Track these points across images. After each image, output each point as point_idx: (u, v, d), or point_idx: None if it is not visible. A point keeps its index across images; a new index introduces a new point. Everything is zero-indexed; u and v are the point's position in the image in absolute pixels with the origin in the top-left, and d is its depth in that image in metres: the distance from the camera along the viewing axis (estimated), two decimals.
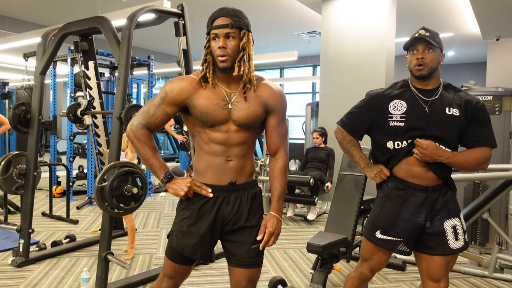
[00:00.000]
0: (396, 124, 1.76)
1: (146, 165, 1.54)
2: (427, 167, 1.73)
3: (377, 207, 1.87)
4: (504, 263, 3.21)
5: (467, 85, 3.82)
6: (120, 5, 6.50)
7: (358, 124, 1.90)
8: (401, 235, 1.78)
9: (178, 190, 1.51)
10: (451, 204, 1.78)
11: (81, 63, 3.66)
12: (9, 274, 3.04)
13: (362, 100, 1.93)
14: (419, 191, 1.75)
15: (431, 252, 1.76)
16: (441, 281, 1.75)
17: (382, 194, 1.86)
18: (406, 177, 1.77)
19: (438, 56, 1.75)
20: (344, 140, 1.95)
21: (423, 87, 1.79)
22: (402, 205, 1.77)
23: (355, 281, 1.97)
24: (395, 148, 1.77)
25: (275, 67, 12.80)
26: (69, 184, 4.87)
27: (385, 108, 1.80)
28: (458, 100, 1.76)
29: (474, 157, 1.74)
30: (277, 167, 1.62)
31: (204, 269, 3.19)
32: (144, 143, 1.53)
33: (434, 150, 1.68)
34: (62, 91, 12.81)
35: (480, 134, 1.75)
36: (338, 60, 5.77)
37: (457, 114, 1.73)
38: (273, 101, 1.57)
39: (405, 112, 1.76)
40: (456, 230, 1.75)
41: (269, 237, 1.55)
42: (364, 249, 1.91)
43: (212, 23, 1.48)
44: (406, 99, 1.79)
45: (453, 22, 7.63)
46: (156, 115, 1.53)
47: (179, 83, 1.53)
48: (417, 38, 1.74)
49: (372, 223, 1.85)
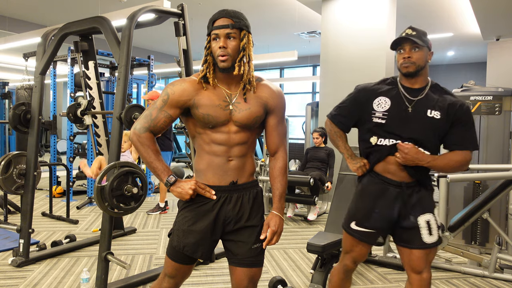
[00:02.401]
0: (378, 121, 1.82)
1: (149, 168, 1.54)
2: (402, 166, 1.79)
3: (354, 200, 1.95)
4: (504, 263, 3.21)
5: (467, 85, 3.82)
6: (120, 5, 6.50)
7: (345, 117, 1.96)
8: (375, 227, 1.85)
9: (183, 194, 1.52)
10: (426, 201, 1.84)
11: (81, 63, 3.66)
12: (9, 274, 3.04)
13: (350, 94, 1.98)
14: (394, 186, 1.82)
15: (409, 246, 1.82)
16: (423, 272, 1.81)
17: (360, 187, 1.94)
18: (382, 172, 1.84)
19: (425, 55, 1.78)
20: (331, 131, 2.03)
21: (410, 85, 1.83)
22: (377, 199, 1.84)
23: (340, 275, 2.02)
24: (377, 144, 1.83)
25: (275, 67, 12.80)
26: (69, 184, 4.87)
27: (370, 103, 1.86)
28: (442, 103, 1.79)
29: (455, 160, 1.78)
30: (277, 167, 1.63)
31: (204, 269, 3.19)
32: (147, 147, 1.53)
33: (415, 154, 1.73)
34: (62, 91, 12.80)
35: (463, 137, 1.79)
36: (338, 60, 5.77)
37: (438, 117, 1.77)
38: (273, 101, 1.58)
39: (387, 110, 1.81)
40: (430, 225, 1.81)
41: (272, 235, 1.56)
42: (344, 242, 1.97)
43: (213, 24, 1.49)
44: (391, 97, 1.84)
45: (453, 22, 7.63)
46: (158, 118, 1.54)
47: (181, 85, 1.53)
48: (403, 37, 1.78)
49: (349, 215, 1.94)
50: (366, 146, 1.88)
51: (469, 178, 3.25)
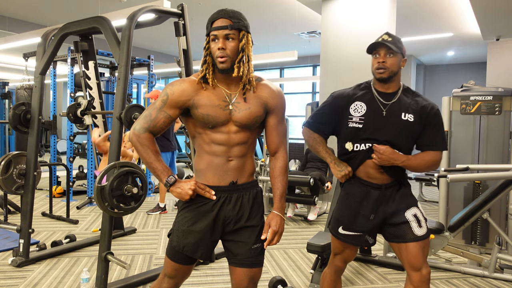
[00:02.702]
0: (355, 125, 1.87)
1: (149, 169, 1.54)
2: (381, 169, 1.86)
3: (339, 204, 2.00)
4: (504, 263, 3.21)
5: (467, 85, 3.82)
6: (120, 5, 6.50)
7: (323, 124, 1.99)
8: (361, 230, 1.91)
9: (183, 194, 1.52)
10: (407, 197, 1.91)
11: (81, 63, 3.66)
12: (9, 274, 3.04)
13: (326, 101, 2.00)
14: (374, 189, 1.88)
15: (402, 240, 1.86)
16: (422, 268, 1.84)
17: (343, 192, 1.98)
18: (363, 177, 1.91)
19: (399, 61, 1.85)
20: (310, 138, 2.04)
21: (384, 90, 1.89)
22: (360, 202, 1.90)
23: (332, 276, 2.07)
24: (354, 150, 1.89)
25: (275, 67, 12.79)
26: (69, 184, 4.87)
27: (346, 109, 1.90)
28: (414, 106, 1.87)
29: (427, 160, 1.88)
30: (277, 167, 1.63)
31: (204, 269, 3.19)
32: (147, 147, 1.52)
33: (391, 155, 1.80)
34: (62, 91, 12.80)
35: (434, 138, 1.88)
36: (338, 60, 5.77)
37: (412, 120, 1.85)
38: (273, 101, 1.58)
39: (364, 114, 1.87)
40: (418, 217, 1.87)
41: (273, 235, 1.56)
42: (334, 245, 2.03)
43: (212, 24, 1.48)
44: (366, 101, 1.89)
45: (453, 22, 7.63)
46: (158, 118, 1.53)
47: (180, 85, 1.53)
48: (379, 43, 1.83)
49: (336, 220, 1.98)
50: (343, 152, 1.94)
51: (469, 178, 3.24)
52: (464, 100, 3.71)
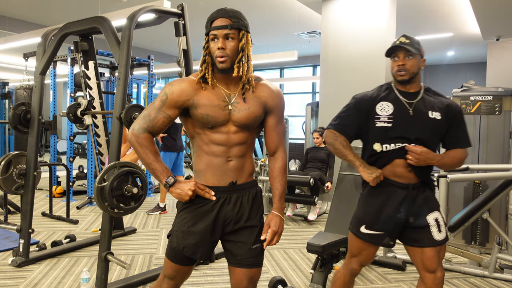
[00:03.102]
0: (383, 124, 1.86)
1: (148, 170, 1.53)
2: (409, 168, 1.84)
3: (362, 203, 1.97)
4: (504, 263, 3.21)
5: (467, 85, 3.82)
6: (120, 5, 6.50)
7: (348, 125, 1.97)
8: (384, 229, 1.88)
9: (183, 195, 1.50)
10: (431, 200, 1.90)
11: (81, 63, 3.66)
12: (9, 274, 3.04)
13: (349, 103, 1.99)
14: (400, 188, 1.86)
15: (420, 245, 1.85)
16: (437, 271, 1.85)
17: (367, 191, 1.96)
18: (389, 176, 1.88)
19: (418, 62, 1.87)
20: (336, 141, 1.96)
21: (406, 90, 1.90)
22: (385, 201, 1.88)
23: (345, 278, 2.04)
24: (383, 151, 1.86)
25: (275, 67, 12.79)
26: (69, 184, 4.87)
27: (372, 109, 1.89)
28: (440, 104, 1.87)
29: (458, 158, 1.89)
30: (277, 167, 1.63)
31: (204, 269, 3.19)
32: (146, 147, 1.51)
33: (427, 154, 1.79)
34: (62, 91, 12.80)
35: (461, 136, 1.90)
36: (338, 60, 5.77)
37: (439, 118, 1.85)
38: (273, 101, 1.58)
39: (392, 113, 1.86)
40: (439, 222, 1.86)
41: (273, 236, 1.56)
42: (352, 246, 1.99)
43: (211, 24, 1.47)
44: (392, 101, 1.89)
45: (453, 22, 7.63)
46: (157, 118, 1.52)
47: (179, 85, 1.52)
48: (397, 46, 1.84)
49: (358, 219, 1.96)
50: (371, 154, 1.90)
51: (469, 178, 3.24)
52: (464, 100, 3.71)
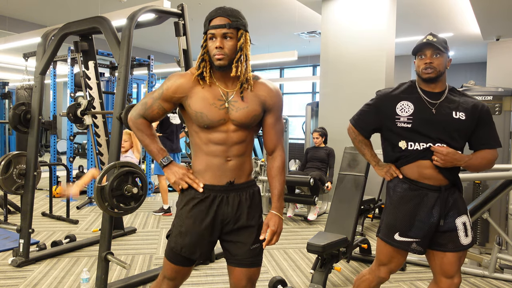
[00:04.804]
0: (403, 125, 1.83)
1: (147, 151, 1.62)
2: (438, 169, 1.79)
3: (393, 210, 1.89)
4: (504, 263, 3.20)
5: (467, 85, 3.82)
6: (120, 5, 6.49)
7: (366, 122, 1.97)
8: (418, 235, 1.83)
9: (171, 176, 1.57)
10: (460, 202, 1.85)
11: (81, 63, 3.66)
12: (9, 274, 3.04)
13: (372, 99, 1.98)
14: (432, 191, 1.81)
15: (444, 249, 1.82)
16: (455, 276, 1.82)
17: (396, 196, 1.89)
18: (418, 178, 1.83)
19: (445, 61, 1.82)
20: (355, 140, 2.03)
21: (430, 89, 1.85)
22: (417, 206, 1.82)
23: (372, 285, 2.00)
24: (407, 149, 1.83)
25: (275, 67, 12.79)
26: (69, 184, 4.86)
27: (392, 109, 1.87)
28: (465, 104, 1.82)
29: (487, 159, 1.83)
30: (275, 166, 1.63)
31: (204, 269, 3.19)
32: (142, 131, 1.60)
33: (454, 155, 1.75)
34: (62, 91, 12.80)
35: (489, 136, 1.83)
36: (338, 60, 5.77)
37: (463, 118, 1.79)
38: (271, 100, 1.58)
39: (412, 114, 1.82)
40: (466, 226, 1.82)
41: (272, 235, 1.56)
42: (382, 254, 1.93)
43: (209, 22, 1.47)
44: (413, 101, 1.85)
45: (453, 22, 7.63)
46: (152, 107, 1.59)
47: (176, 80, 1.54)
48: (425, 43, 1.80)
49: (390, 226, 1.88)
50: (395, 150, 1.87)
51: (469, 178, 3.24)
52: None
